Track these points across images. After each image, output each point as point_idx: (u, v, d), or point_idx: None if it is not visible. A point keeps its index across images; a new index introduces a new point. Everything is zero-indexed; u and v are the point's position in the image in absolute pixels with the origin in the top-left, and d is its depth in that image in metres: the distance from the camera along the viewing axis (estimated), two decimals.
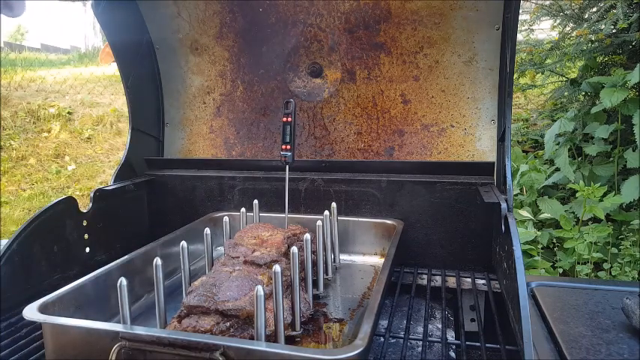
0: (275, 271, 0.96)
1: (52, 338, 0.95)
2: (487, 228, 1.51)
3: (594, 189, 2.42)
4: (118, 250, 1.65)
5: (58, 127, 5.85)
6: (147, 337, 0.86)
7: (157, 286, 1.06)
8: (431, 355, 1.09)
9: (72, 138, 5.82)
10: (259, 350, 0.83)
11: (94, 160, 5.54)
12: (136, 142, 1.87)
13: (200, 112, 1.97)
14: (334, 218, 1.48)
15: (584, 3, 3.40)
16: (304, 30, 1.77)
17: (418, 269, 1.53)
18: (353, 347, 0.82)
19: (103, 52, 9.51)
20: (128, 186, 1.75)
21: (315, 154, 1.84)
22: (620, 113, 2.85)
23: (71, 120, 6.10)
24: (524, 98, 4.85)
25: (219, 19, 1.85)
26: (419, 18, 1.65)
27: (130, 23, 1.85)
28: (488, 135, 1.64)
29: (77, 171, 5.34)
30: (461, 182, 1.53)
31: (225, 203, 1.80)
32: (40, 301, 1.02)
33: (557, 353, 0.98)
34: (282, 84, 1.85)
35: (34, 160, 5.39)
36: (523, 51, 3.63)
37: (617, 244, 2.52)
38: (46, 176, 5.23)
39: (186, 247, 1.19)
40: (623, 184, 2.71)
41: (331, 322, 1.17)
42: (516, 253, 1.04)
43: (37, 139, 5.71)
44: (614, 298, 1.20)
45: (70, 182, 5.17)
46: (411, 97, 1.72)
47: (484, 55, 1.61)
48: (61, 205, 1.44)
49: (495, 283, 1.41)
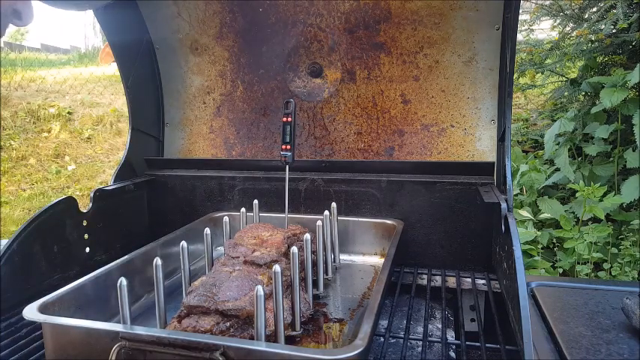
0: (275, 271, 0.96)
1: (52, 338, 0.95)
2: (487, 228, 1.51)
3: (594, 189, 2.42)
4: (118, 250, 1.65)
5: (58, 127, 5.85)
6: (147, 337, 0.86)
7: (157, 286, 1.05)
8: (431, 355, 1.09)
9: (72, 138, 5.82)
10: (259, 350, 0.83)
11: (94, 160, 5.54)
12: (136, 142, 1.87)
13: (200, 112, 1.97)
14: (334, 218, 1.48)
15: (584, 3, 3.40)
16: (304, 30, 1.77)
17: (418, 269, 1.53)
18: (353, 347, 0.82)
19: (103, 52, 9.51)
20: (128, 186, 1.75)
21: (315, 154, 1.84)
22: (620, 113, 2.85)
23: (71, 120, 6.10)
24: (524, 98, 4.85)
25: (219, 19, 1.85)
26: (419, 18, 1.65)
27: (130, 23, 1.85)
28: (488, 135, 1.64)
29: (77, 171, 5.34)
30: (461, 182, 1.53)
31: (225, 203, 1.80)
32: (40, 301, 1.02)
33: (557, 353, 0.98)
34: (282, 84, 1.85)
35: (34, 160, 5.39)
36: (523, 51, 3.64)
37: (617, 244, 2.52)
38: (46, 176, 5.23)
39: (186, 247, 1.19)
40: (623, 184, 2.71)
41: (331, 322, 1.17)
42: (516, 253, 1.04)
43: (37, 139, 5.71)
44: (614, 298, 1.20)
45: (70, 182, 5.17)
46: (411, 97, 1.72)
47: (484, 55, 1.61)
48: (61, 205, 1.44)
49: (495, 283, 1.41)
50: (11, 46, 14.31)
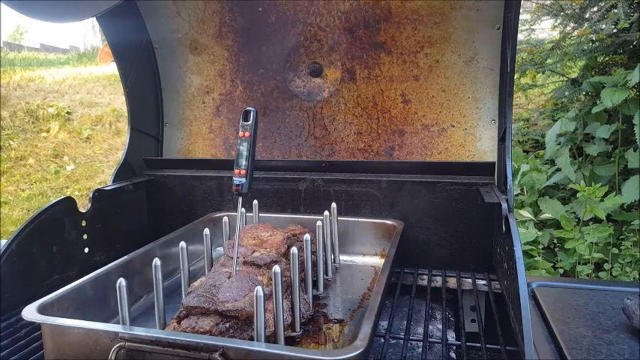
0: (275, 271, 0.95)
1: (51, 339, 0.94)
2: (488, 228, 1.50)
3: (595, 189, 2.42)
4: (118, 251, 1.65)
5: (57, 127, 5.85)
6: (146, 337, 0.86)
7: (157, 287, 1.05)
8: (431, 356, 1.08)
9: (71, 138, 5.82)
10: (259, 351, 0.83)
11: (93, 160, 5.53)
12: (135, 142, 1.86)
13: (199, 111, 1.97)
14: (334, 218, 1.48)
15: (585, 3, 3.40)
16: (304, 29, 1.77)
17: (418, 270, 1.53)
18: (353, 348, 0.81)
19: (102, 52, 9.51)
20: (127, 186, 1.74)
21: (315, 154, 1.83)
22: (621, 113, 2.85)
23: (70, 120, 6.10)
24: (525, 98, 4.85)
25: (218, 18, 1.85)
26: (419, 17, 1.64)
27: (129, 23, 1.85)
28: (489, 135, 1.64)
29: (76, 171, 5.34)
30: (461, 182, 1.52)
31: (225, 203, 1.80)
32: (40, 301, 1.01)
33: (558, 354, 0.98)
34: (281, 84, 1.84)
35: (33, 160, 5.39)
36: (524, 51, 3.64)
37: (618, 244, 2.52)
38: (44, 176, 5.23)
39: (185, 248, 1.18)
40: (623, 184, 2.71)
41: (331, 322, 1.17)
42: (517, 253, 1.04)
43: (35, 139, 5.71)
44: (614, 298, 1.19)
45: (69, 182, 5.17)
46: (412, 96, 1.71)
47: (485, 54, 1.60)
48: (60, 205, 1.43)
49: (496, 284, 1.40)
50: (10, 45, 14.31)
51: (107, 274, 1.20)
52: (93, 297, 1.15)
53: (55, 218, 1.41)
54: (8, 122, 5.77)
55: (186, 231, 1.55)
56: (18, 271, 1.29)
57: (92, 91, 6.79)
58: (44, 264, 1.37)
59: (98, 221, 1.59)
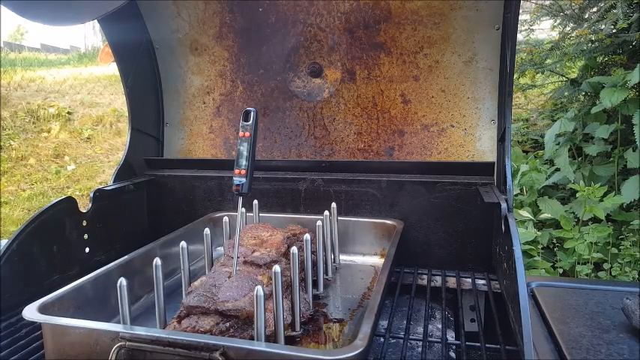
0: (275, 271, 0.96)
1: (51, 338, 0.95)
2: (487, 228, 1.50)
3: (594, 189, 2.42)
4: (118, 251, 1.65)
5: (58, 127, 5.85)
6: (147, 337, 0.86)
7: (157, 287, 1.05)
8: (431, 356, 1.09)
9: (71, 138, 5.82)
10: (259, 350, 0.83)
11: (93, 160, 5.53)
12: (136, 142, 1.87)
13: (200, 112, 1.97)
14: (334, 218, 1.48)
15: (585, 3, 3.40)
16: (304, 30, 1.77)
17: (418, 269, 1.53)
18: (353, 347, 0.81)
19: (103, 52, 9.52)
20: (128, 186, 1.75)
21: (315, 154, 1.84)
22: (620, 113, 2.85)
23: (71, 120, 6.10)
24: (525, 98, 4.85)
25: (218, 18, 1.85)
26: (419, 18, 1.65)
27: (129, 23, 1.85)
28: (489, 135, 1.64)
29: (77, 171, 5.34)
30: (461, 182, 1.53)
31: (225, 203, 1.80)
32: (40, 301, 1.02)
33: (557, 353, 0.98)
34: (282, 84, 1.84)
35: (34, 160, 5.39)
36: (523, 51, 3.64)
37: (618, 244, 2.52)
38: (45, 176, 5.23)
39: (185, 248, 1.19)
40: (623, 184, 2.71)
41: (331, 322, 1.17)
42: (516, 253, 1.04)
43: (36, 139, 5.71)
44: (614, 298, 1.19)
45: (70, 182, 5.17)
46: (411, 97, 1.72)
47: (484, 55, 1.61)
48: (60, 205, 1.43)
49: (495, 284, 1.40)
50: (11, 46, 14.32)
51: (108, 273, 1.21)
52: (93, 297, 1.15)
53: (56, 218, 1.41)
54: (9, 122, 5.77)
55: (186, 231, 1.55)
56: (18, 270, 1.29)
57: (93, 92, 6.79)
58: (45, 264, 1.37)
59: (99, 221, 1.59)
